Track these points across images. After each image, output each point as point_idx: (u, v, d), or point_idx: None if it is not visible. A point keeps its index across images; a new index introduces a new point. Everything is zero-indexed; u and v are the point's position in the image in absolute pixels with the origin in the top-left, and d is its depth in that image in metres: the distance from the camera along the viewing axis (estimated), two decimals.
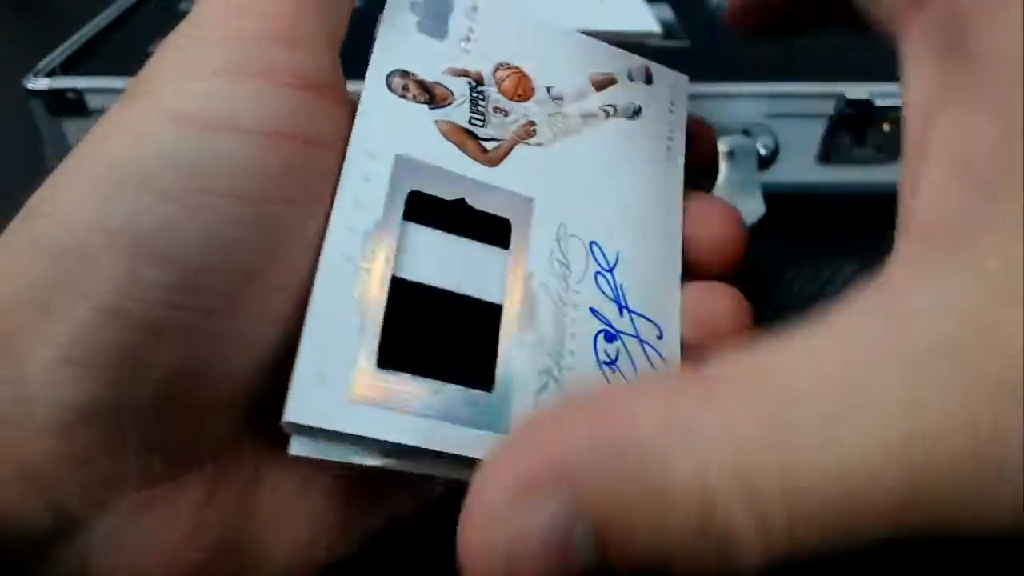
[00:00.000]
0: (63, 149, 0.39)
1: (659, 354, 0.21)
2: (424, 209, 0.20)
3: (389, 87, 0.21)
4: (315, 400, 0.18)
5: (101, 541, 0.17)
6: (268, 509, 0.19)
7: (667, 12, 0.45)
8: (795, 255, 0.40)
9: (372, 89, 0.21)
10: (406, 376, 0.19)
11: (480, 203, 0.21)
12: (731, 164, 0.38)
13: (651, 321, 0.22)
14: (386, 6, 0.22)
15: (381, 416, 0.18)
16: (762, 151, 0.39)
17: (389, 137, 0.20)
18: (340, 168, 0.19)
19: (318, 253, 0.19)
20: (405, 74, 0.21)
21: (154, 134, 0.16)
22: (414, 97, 0.21)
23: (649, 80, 0.25)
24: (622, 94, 0.24)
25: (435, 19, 0.22)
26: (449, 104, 0.22)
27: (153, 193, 0.16)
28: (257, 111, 0.17)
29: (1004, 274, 0.11)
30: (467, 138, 0.21)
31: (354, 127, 0.20)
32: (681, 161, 0.24)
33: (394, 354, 0.19)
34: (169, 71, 0.17)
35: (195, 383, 0.17)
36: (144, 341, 0.16)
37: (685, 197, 0.24)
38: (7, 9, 0.67)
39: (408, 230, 0.20)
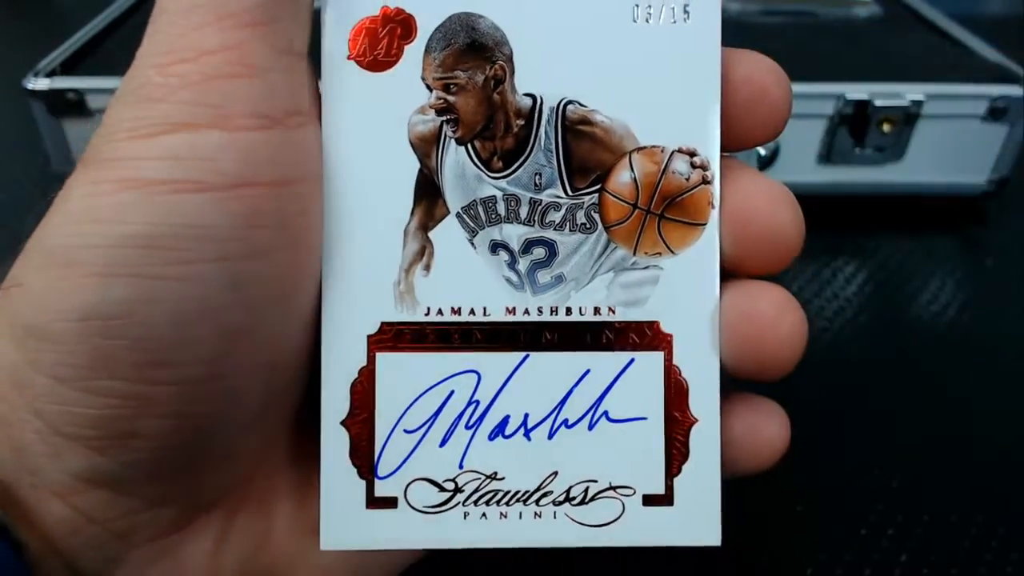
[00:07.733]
0: (63, 149, 0.39)
1: None
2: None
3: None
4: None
5: None
6: (281, 549, 0.19)
7: None
8: None
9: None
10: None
11: None
12: None
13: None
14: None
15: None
16: (762, 151, 0.39)
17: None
18: (318, 198, 0.17)
19: (310, 291, 0.17)
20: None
21: (114, 210, 0.15)
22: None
23: None
24: None
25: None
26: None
27: (119, 275, 0.15)
28: (215, 165, 0.15)
29: None
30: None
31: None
32: None
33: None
34: (119, 135, 0.15)
35: (194, 443, 0.17)
36: (130, 414, 0.16)
37: None
38: (7, 9, 0.67)
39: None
